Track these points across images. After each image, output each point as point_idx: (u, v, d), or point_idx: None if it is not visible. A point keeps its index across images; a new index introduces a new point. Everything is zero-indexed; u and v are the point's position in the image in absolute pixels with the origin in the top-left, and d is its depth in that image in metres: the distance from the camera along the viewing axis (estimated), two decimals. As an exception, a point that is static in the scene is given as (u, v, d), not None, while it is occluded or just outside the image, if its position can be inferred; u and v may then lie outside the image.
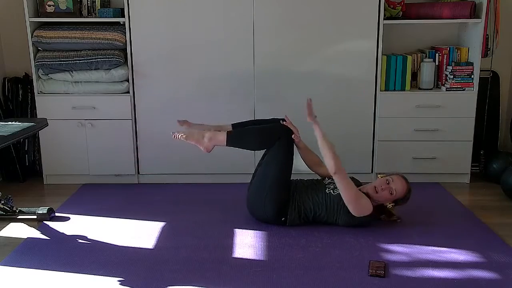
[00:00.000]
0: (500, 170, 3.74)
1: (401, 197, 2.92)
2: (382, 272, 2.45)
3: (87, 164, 3.81)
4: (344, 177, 2.82)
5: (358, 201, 2.84)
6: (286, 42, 3.63)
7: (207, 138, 3.00)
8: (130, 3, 3.59)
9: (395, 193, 2.89)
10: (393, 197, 2.91)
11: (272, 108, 3.67)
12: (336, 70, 3.68)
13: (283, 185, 2.96)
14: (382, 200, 2.93)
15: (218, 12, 3.59)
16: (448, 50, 3.76)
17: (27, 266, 2.58)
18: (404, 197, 2.94)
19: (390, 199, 2.92)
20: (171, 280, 2.42)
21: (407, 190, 2.93)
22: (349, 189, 2.83)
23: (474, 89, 3.71)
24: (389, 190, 2.89)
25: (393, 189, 2.89)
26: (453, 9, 3.60)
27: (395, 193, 2.89)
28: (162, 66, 3.68)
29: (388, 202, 2.93)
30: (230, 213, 3.25)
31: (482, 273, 2.48)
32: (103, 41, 3.61)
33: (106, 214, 3.27)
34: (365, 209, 2.87)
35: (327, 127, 3.68)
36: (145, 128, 3.77)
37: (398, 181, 2.92)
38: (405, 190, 2.92)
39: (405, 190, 2.92)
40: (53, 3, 3.65)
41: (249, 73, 3.67)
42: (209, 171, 3.83)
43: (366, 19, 3.59)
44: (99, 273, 2.50)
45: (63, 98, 3.73)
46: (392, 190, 2.89)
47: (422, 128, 3.74)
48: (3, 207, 3.21)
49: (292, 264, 2.57)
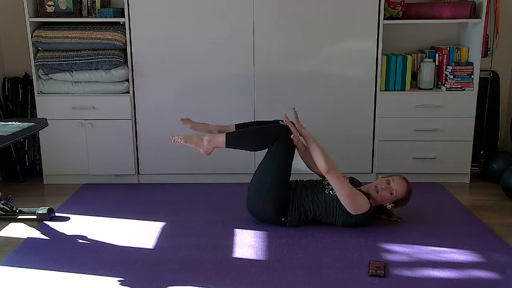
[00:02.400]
0: (500, 170, 3.74)
1: (401, 197, 2.92)
2: (382, 272, 2.45)
3: (87, 164, 3.81)
4: (337, 176, 2.85)
5: (353, 198, 2.85)
6: (286, 42, 3.63)
7: (206, 140, 2.99)
8: (130, 3, 3.59)
9: (395, 193, 2.90)
10: (393, 197, 2.91)
11: (272, 108, 3.67)
12: (336, 70, 3.68)
13: (282, 185, 2.96)
14: (382, 200, 2.93)
15: (218, 12, 3.59)
16: (448, 50, 3.76)
17: (27, 266, 2.58)
18: (404, 198, 2.94)
19: (390, 199, 2.92)
20: (171, 280, 2.42)
21: (407, 191, 2.93)
22: (343, 187, 2.84)
23: (474, 89, 3.71)
24: (389, 190, 2.90)
25: (393, 189, 2.90)
26: (453, 9, 3.60)
27: (395, 193, 2.90)
28: (162, 66, 3.68)
29: (388, 203, 2.93)
30: (230, 213, 3.25)
31: (482, 273, 2.48)
32: (103, 41, 3.61)
33: (106, 214, 3.27)
34: (362, 206, 2.87)
35: (327, 127, 3.71)
36: (145, 128, 3.77)
37: (399, 181, 2.93)
38: (405, 191, 2.92)
39: (405, 191, 2.92)
40: (53, 3, 3.65)
41: (249, 73, 3.67)
42: (209, 171, 3.83)
43: (366, 19, 3.59)
44: (99, 273, 2.50)
45: (63, 98, 3.73)
46: (392, 190, 2.90)
47: (422, 128, 3.74)
48: (3, 207, 3.21)
49: (292, 264, 2.57)
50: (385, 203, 2.94)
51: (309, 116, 3.68)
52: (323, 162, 2.85)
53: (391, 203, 2.93)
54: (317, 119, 3.71)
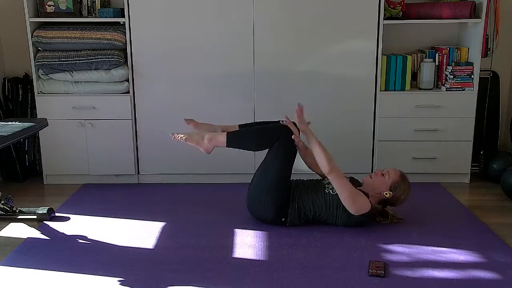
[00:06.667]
0: (500, 170, 3.74)
1: (396, 181, 2.94)
2: (382, 272, 2.45)
3: (87, 164, 3.81)
4: (339, 176, 2.86)
5: (354, 198, 2.85)
6: (286, 42, 3.63)
7: (207, 139, 3.00)
8: (130, 3, 3.59)
9: (387, 175, 2.96)
10: (387, 180, 2.93)
11: (272, 108, 3.67)
12: (336, 70, 3.68)
13: (283, 186, 2.96)
14: (377, 186, 2.95)
15: (218, 12, 3.59)
16: (448, 50, 3.76)
17: (27, 266, 2.58)
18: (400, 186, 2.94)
19: (384, 184, 2.93)
20: (171, 280, 2.42)
21: (400, 175, 2.97)
22: (345, 187, 2.85)
23: (474, 89, 3.71)
24: (381, 173, 2.99)
25: (385, 172, 2.98)
26: (453, 9, 3.61)
27: (388, 175, 2.96)
28: (162, 66, 3.68)
29: (385, 189, 2.94)
30: (230, 213, 3.25)
31: (482, 273, 2.48)
32: (103, 41, 3.61)
33: (106, 214, 3.27)
34: (363, 206, 2.87)
35: (327, 127, 3.71)
36: (145, 128, 3.77)
37: (391, 168, 3.03)
38: (398, 174, 2.97)
39: (398, 174, 2.97)
40: (53, 3, 3.65)
41: (249, 73, 3.67)
42: (209, 171, 3.83)
43: (366, 19, 3.59)
44: (99, 273, 2.50)
45: (63, 98, 3.73)
46: (384, 172, 2.98)
47: (422, 128, 3.74)
48: (3, 207, 3.21)
49: (292, 264, 2.57)
50: (382, 191, 2.94)
51: (309, 116, 3.67)
52: (325, 161, 2.85)
53: (389, 190, 2.94)
54: (317, 119, 3.69)
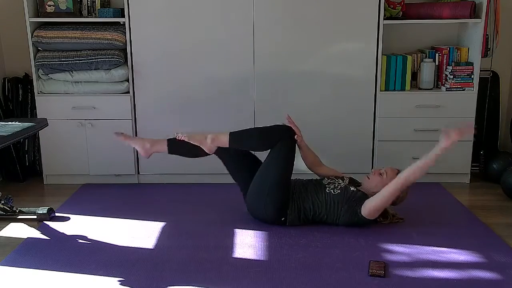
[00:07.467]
0: (500, 170, 3.74)
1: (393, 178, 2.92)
2: (382, 272, 2.45)
3: (87, 164, 3.81)
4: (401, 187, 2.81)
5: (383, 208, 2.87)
6: (286, 42, 3.63)
7: (210, 139, 3.00)
8: (130, 3, 3.59)
9: (385, 174, 2.95)
10: (385, 179, 2.92)
11: (272, 108, 3.67)
12: (336, 70, 3.68)
13: (283, 186, 2.96)
14: (376, 186, 2.93)
15: (218, 12, 3.59)
16: (448, 50, 3.76)
17: (27, 266, 2.58)
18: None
19: (382, 183, 2.92)
20: (171, 280, 2.42)
21: (398, 172, 2.95)
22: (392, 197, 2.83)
23: (474, 89, 3.70)
24: (379, 172, 2.98)
25: (383, 171, 2.97)
26: (453, 9, 3.60)
27: (385, 174, 2.95)
28: (162, 66, 3.68)
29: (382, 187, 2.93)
30: (230, 213, 3.25)
31: (482, 273, 2.48)
32: (103, 41, 3.61)
33: (106, 214, 3.27)
34: (378, 213, 2.89)
35: (327, 127, 3.71)
36: (145, 128, 3.77)
37: (388, 167, 3.02)
38: (396, 172, 2.95)
39: (396, 172, 2.95)
40: (53, 3, 3.65)
41: (249, 73, 3.67)
42: (209, 171, 3.83)
43: (366, 19, 3.59)
44: (99, 273, 2.50)
45: (63, 98, 3.73)
46: (381, 171, 2.98)
47: (422, 128, 3.74)
48: (3, 207, 3.21)
49: (292, 264, 2.57)
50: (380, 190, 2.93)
51: (309, 116, 3.70)
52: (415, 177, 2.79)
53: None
54: (317, 119, 3.71)
